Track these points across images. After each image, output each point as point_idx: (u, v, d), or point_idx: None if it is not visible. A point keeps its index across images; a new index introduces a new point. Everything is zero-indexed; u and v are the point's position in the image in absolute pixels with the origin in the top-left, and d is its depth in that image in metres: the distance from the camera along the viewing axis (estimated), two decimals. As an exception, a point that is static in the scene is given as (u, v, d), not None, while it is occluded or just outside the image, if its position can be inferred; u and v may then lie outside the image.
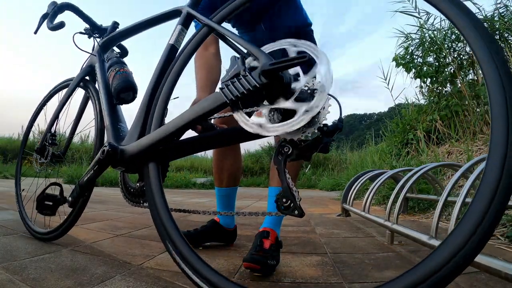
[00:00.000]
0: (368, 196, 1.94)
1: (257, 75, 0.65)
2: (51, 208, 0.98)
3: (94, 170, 0.97)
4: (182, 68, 0.91)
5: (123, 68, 1.18)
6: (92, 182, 1.01)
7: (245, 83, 0.65)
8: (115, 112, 1.11)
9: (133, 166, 0.89)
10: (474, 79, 3.80)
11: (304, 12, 1.38)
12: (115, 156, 0.89)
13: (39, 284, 0.81)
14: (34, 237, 1.28)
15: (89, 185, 1.00)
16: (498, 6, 3.57)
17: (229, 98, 0.67)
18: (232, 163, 1.41)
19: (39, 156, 1.43)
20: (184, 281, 0.91)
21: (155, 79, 0.95)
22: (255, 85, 0.64)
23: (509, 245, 1.40)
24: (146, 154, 0.83)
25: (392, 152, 4.64)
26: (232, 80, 0.68)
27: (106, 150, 0.90)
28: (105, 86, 1.17)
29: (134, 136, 0.90)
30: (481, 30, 0.56)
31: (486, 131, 3.14)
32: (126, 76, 1.15)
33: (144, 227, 1.80)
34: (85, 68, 1.34)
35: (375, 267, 1.13)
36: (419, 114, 4.42)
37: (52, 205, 0.98)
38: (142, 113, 0.92)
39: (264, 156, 11.82)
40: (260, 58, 0.68)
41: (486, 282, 0.93)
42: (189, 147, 0.85)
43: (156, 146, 0.81)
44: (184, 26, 0.99)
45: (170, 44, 0.97)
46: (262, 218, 1.35)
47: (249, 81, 0.65)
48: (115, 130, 1.03)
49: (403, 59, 4.43)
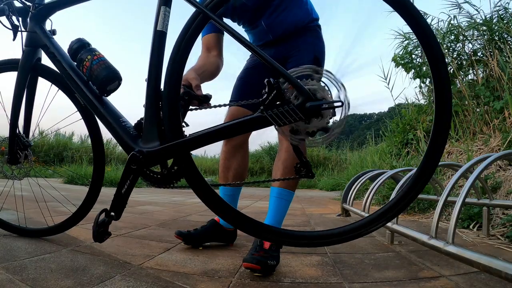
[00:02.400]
0: (368, 196, 1.94)
1: (301, 108, 0.80)
2: (106, 232, 0.98)
3: (130, 180, 0.93)
4: (185, 60, 0.87)
5: (96, 54, 1.01)
6: (130, 191, 0.96)
7: (291, 114, 0.80)
8: (108, 107, 1.00)
9: (161, 162, 0.93)
10: (474, 79, 3.80)
11: (308, 7, 1.34)
12: (147, 161, 0.90)
13: (39, 284, 0.81)
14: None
15: (127, 195, 0.96)
16: (497, 9, 3.57)
17: (277, 123, 0.81)
18: (240, 163, 1.41)
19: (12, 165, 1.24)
20: (184, 281, 0.91)
21: (155, 73, 0.90)
22: (301, 117, 0.80)
23: (509, 245, 1.40)
24: (178, 153, 0.89)
25: (392, 152, 4.64)
26: (277, 106, 0.81)
27: (136, 159, 0.89)
28: (77, 75, 1.01)
29: (154, 136, 0.90)
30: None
31: (486, 131, 3.14)
32: (106, 64, 1.00)
33: (144, 227, 1.80)
34: (29, 50, 1.12)
35: (375, 267, 1.13)
36: (419, 114, 4.42)
37: (104, 229, 0.97)
38: (152, 111, 0.90)
39: (264, 156, 11.81)
40: (300, 92, 0.80)
41: (486, 282, 0.93)
42: (206, 138, 0.88)
43: (187, 149, 0.88)
44: (166, 6, 0.91)
45: (159, 31, 0.90)
46: (263, 219, 1.35)
47: (295, 113, 0.80)
48: (125, 131, 0.96)
49: (402, 59, 4.43)
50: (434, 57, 0.77)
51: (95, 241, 0.93)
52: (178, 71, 0.86)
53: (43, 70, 1.19)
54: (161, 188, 0.95)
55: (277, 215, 1.24)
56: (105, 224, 0.96)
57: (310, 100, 0.80)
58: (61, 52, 1.06)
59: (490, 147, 2.76)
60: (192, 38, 0.86)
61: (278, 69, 0.82)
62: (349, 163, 8.27)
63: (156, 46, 0.91)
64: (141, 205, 2.96)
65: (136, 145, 0.92)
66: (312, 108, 0.79)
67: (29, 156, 1.24)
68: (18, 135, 1.21)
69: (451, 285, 0.92)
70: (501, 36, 3.44)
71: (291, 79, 0.81)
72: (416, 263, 1.18)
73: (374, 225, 0.84)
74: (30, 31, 1.10)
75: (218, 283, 0.92)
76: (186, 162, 0.90)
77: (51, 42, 1.07)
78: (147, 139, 0.91)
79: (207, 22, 0.86)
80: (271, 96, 0.81)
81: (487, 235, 1.59)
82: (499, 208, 1.78)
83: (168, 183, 0.94)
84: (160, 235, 1.59)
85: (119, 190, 0.96)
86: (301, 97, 0.80)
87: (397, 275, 1.02)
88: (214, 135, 0.88)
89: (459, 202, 1.07)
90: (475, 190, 1.64)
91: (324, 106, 0.80)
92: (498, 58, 3.25)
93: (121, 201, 0.97)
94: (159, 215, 2.38)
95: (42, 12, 1.09)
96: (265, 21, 1.31)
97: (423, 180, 0.80)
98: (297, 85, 0.81)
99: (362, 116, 45.42)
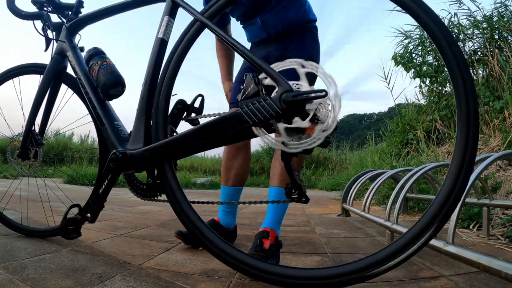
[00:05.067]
0: (368, 196, 1.95)
1: (277, 101, 0.71)
2: (76, 230, 0.97)
3: (108, 180, 0.95)
4: (178, 66, 0.89)
5: (105, 60, 1.09)
6: (108, 192, 0.98)
7: (266, 108, 0.71)
8: (108, 110, 1.06)
9: (144, 167, 0.91)
10: (474, 79, 3.80)
11: (306, 8, 1.35)
12: (126, 162, 0.90)
13: (39, 284, 0.81)
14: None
15: (105, 196, 0.97)
16: (497, 6, 3.57)
17: (251, 120, 0.73)
18: (241, 164, 1.41)
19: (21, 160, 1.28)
20: (184, 281, 0.91)
21: (150, 77, 0.93)
22: (277, 111, 0.71)
23: (509, 245, 1.40)
24: (159, 157, 0.87)
25: (392, 152, 4.65)
26: (252, 101, 0.73)
27: (116, 158, 0.89)
28: (89, 80, 1.09)
29: (140, 139, 0.91)
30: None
31: (486, 131, 3.14)
32: (112, 70, 1.07)
33: (144, 227, 1.80)
34: (57, 57, 1.22)
35: (375, 267, 1.12)
36: (419, 114, 4.43)
37: (75, 228, 0.96)
38: (142, 113, 0.92)
39: (264, 156, 11.81)
40: (279, 84, 0.73)
41: (486, 282, 0.93)
42: (195, 147, 0.85)
43: (170, 151, 0.85)
44: (171, 17, 0.96)
45: (160, 38, 0.95)
46: (262, 218, 1.35)
47: (271, 107, 0.71)
48: (115, 131, 1.00)
49: (402, 58, 4.43)
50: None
51: (62, 236, 0.92)
52: (171, 75, 0.89)
53: (66, 76, 1.27)
54: (145, 199, 0.94)
55: (276, 215, 1.24)
56: (76, 222, 0.94)
57: (288, 92, 0.71)
58: (79, 60, 1.14)
59: (490, 147, 2.76)
60: (188, 45, 0.89)
61: (257, 62, 0.77)
62: (349, 163, 8.28)
63: (155, 52, 0.95)
64: (141, 205, 2.96)
65: (121, 146, 0.94)
66: (288, 98, 0.70)
67: (39, 154, 1.28)
68: (33, 132, 1.27)
69: (451, 285, 0.92)
70: (501, 35, 3.44)
71: (270, 71, 0.74)
72: (416, 263, 1.17)
73: (418, 242, 0.67)
74: (61, 40, 1.19)
75: (218, 283, 0.92)
76: (166, 170, 0.86)
77: (73, 51, 1.16)
78: (133, 142, 0.93)
79: (203, 30, 0.89)
80: (248, 90, 0.75)
81: (487, 235, 1.59)
82: (499, 208, 1.78)
83: (152, 195, 0.92)
84: (160, 235, 1.59)
85: (96, 190, 0.96)
86: (279, 90, 0.72)
87: (397, 275, 1.02)
88: (192, 137, 0.83)
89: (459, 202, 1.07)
90: (475, 190, 1.64)
91: (304, 97, 0.70)
92: (498, 57, 3.25)
93: (98, 201, 0.96)
94: (159, 215, 2.38)
95: (74, 25, 1.19)
96: (261, 18, 1.31)
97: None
98: (274, 76, 0.73)
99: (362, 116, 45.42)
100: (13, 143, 1.32)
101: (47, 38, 1.22)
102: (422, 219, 0.68)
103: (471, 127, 0.65)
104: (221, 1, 0.87)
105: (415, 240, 0.66)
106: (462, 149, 0.66)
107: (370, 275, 0.67)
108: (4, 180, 6.10)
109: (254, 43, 1.42)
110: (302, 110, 0.71)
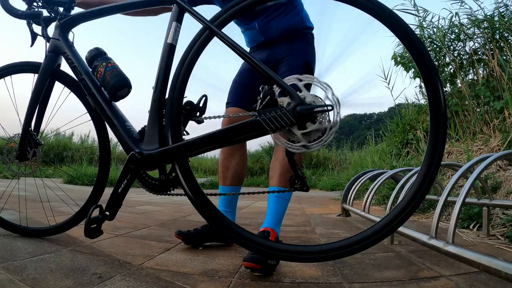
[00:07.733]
0: (368, 196, 1.94)
1: (292, 112, 0.84)
2: (98, 229, 1.00)
3: (127, 180, 0.98)
4: (189, 72, 0.93)
5: (110, 61, 1.09)
6: (126, 191, 1.01)
7: (282, 118, 0.84)
8: (117, 111, 1.08)
9: (160, 166, 0.97)
10: (474, 79, 3.80)
11: (302, 15, 1.38)
12: (145, 162, 0.95)
13: (39, 284, 0.81)
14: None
15: (124, 195, 1.00)
16: (498, 6, 3.57)
17: (269, 127, 0.85)
18: (238, 162, 1.43)
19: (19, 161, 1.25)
20: (184, 281, 0.91)
21: (161, 82, 0.97)
22: (292, 120, 0.83)
23: (509, 245, 1.40)
24: (176, 157, 0.93)
25: (392, 152, 4.65)
26: (269, 111, 0.85)
27: (135, 159, 0.94)
28: (93, 81, 1.09)
29: (154, 140, 0.96)
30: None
31: (486, 131, 3.14)
32: (119, 72, 1.08)
33: (144, 227, 1.80)
34: (51, 55, 1.19)
35: (375, 267, 1.13)
36: (419, 114, 4.42)
37: (97, 226, 0.99)
38: (156, 115, 0.96)
39: (264, 156, 11.81)
40: (292, 97, 0.85)
41: (486, 282, 0.93)
42: (203, 142, 0.92)
43: (187, 151, 0.92)
44: (178, 22, 1.00)
45: (169, 44, 0.98)
46: (262, 219, 1.35)
47: (287, 117, 0.84)
48: (127, 133, 1.03)
49: (402, 58, 4.42)
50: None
51: (85, 236, 0.97)
52: (182, 80, 0.93)
53: (61, 75, 1.26)
54: (158, 194, 0.98)
55: (277, 214, 1.24)
56: (98, 221, 0.98)
57: (301, 105, 0.84)
58: (79, 59, 1.14)
59: (490, 147, 2.76)
60: (198, 52, 0.94)
61: (273, 77, 0.87)
62: (349, 163, 8.27)
63: (165, 56, 0.99)
64: (141, 205, 2.96)
65: (137, 147, 0.99)
66: (302, 111, 0.83)
67: (38, 154, 1.26)
68: (31, 133, 1.25)
69: (451, 285, 0.92)
70: (502, 35, 3.44)
71: (284, 86, 0.86)
72: (416, 263, 1.18)
73: (387, 230, 0.83)
74: (54, 38, 1.18)
75: (218, 283, 0.92)
76: (183, 167, 0.93)
77: (71, 50, 1.16)
78: (148, 142, 0.98)
79: (212, 37, 0.94)
80: (265, 101, 0.86)
81: (487, 235, 1.59)
82: (499, 208, 1.78)
83: (165, 189, 0.98)
84: (160, 235, 1.59)
85: (116, 190, 1.00)
86: (293, 102, 0.85)
87: (397, 275, 1.02)
88: (211, 140, 0.91)
89: (459, 202, 1.07)
90: (475, 190, 1.63)
91: (315, 110, 0.83)
92: (498, 57, 3.24)
93: (117, 200, 0.99)
94: (159, 215, 2.38)
95: (67, 22, 1.18)
96: (259, 23, 1.35)
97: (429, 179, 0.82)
98: (288, 91, 0.85)
99: (362, 116, 45.40)
100: (9, 144, 1.30)
101: (33, 33, 1.20)
102: (393, 210, 0.84)
103: (439, 138, 0.80)
104: (230, 11, 0.92)
105: (387, 226, 0.83)
106: (430, 154, 0.81)
107: (348, 251, 0.85)
108: (4, 180, 6.11)
109: (252, 47, 1.47)
110: (311, 118, 0.85)
